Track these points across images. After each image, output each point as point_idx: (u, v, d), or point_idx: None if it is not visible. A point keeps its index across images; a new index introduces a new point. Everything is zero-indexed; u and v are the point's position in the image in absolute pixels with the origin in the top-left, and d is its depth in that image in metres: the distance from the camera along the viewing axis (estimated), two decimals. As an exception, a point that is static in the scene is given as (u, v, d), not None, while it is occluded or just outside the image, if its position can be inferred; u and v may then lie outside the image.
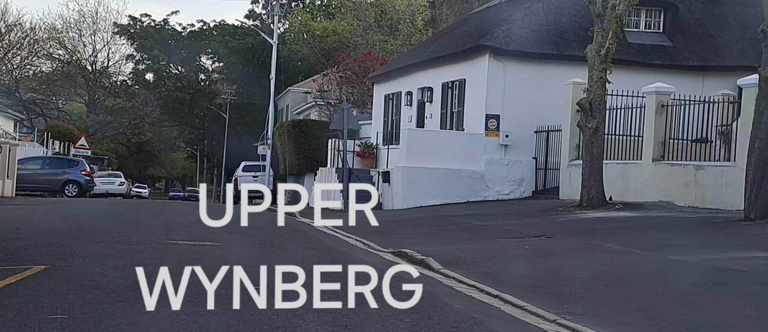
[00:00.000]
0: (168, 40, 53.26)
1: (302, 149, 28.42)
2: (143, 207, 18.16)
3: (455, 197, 19.53)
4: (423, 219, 16.01)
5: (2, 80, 46.66)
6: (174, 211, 16.84)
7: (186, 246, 9.16)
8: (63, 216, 13.49)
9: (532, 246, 10.67)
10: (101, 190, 36.25)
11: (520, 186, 19.74)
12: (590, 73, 15.24)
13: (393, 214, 18.20)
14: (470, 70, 20.49)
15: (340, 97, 29.76)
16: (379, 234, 13.52)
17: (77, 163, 29.27)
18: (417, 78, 23.57)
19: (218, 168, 58.63)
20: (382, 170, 21.01)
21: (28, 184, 27.59)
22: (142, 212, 15.49)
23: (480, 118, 19.95)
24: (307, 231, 14.09)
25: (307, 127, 28.65)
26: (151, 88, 52.19)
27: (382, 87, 26.17)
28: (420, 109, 23.57)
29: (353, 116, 20.38)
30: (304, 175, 29.21)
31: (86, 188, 28.68)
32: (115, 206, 18.21)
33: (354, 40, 52.85)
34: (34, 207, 16.17)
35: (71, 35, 50.91)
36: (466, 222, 14.68)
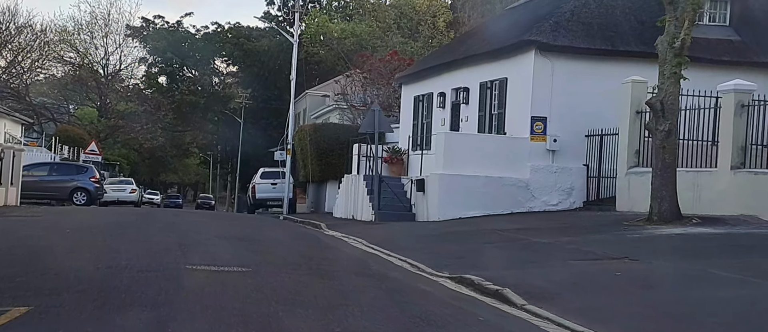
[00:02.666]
0: (181, 43, 51.83)
1: (324, 155, 26.71)
2: (155, 218, 16.47)
3: (497, 208, 17.73)
4: (467, 234, 14.23)
5: (12, 83, 45.31)
6: (189, 223, 15.14)
7: (208, 274, 7.41)
8: (65, 232, 11.79)
9: (623, 273, 8.84)
10: (111, 198, 34.66)
11: (569, 196, 17.90)
12: (661, 69, 13.41)
13: (431, 227, 16.43)
14: (513, 68, 18.71)
15: (364, 100, 28.03)
16: (424, 252, 11.77)
17: (86, 169, 27.70)
18: (450, 78, 21.81)
19: (232, 174, 57.08)
20: (416, 178, 19.24)
21: (34, 192, 26.02)
22: (154, 225, 13.80)
23: (524, 121, 18.14)
24: (341, 248, 12.33)
25: (330, 131, 26.94)
26: (164, 92, 50.70)
27: (411, 88, 24.42)
28: (454, 112, 21.80)
29: (385, 118, 18.65)
30: (326, 183, 27.51)
31: (95, 196, 27.10)
32: (125, 217, 16.54)
33: (373, 42, 51.27)
34: (35, 220, 14.52)
35: (83, 37, 49.57)
36: (520, 239, 12.88)
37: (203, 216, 18.46)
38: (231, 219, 18.71)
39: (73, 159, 35.27)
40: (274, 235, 13.90)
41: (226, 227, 14.97)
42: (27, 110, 46.60)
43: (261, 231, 14.39)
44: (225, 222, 17.07)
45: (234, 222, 17.21)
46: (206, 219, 17.07)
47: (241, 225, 16.21)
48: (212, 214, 21.48)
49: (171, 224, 14.39)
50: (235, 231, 13.93)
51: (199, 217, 17.80)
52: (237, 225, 16.11)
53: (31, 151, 30.90)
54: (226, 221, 17.49)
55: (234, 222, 16.99)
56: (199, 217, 17.80)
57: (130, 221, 14.82)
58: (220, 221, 17.14)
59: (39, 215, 15.54)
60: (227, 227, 15.11)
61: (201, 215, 19.68)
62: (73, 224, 13.30)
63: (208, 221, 16.39)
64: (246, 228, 14.81)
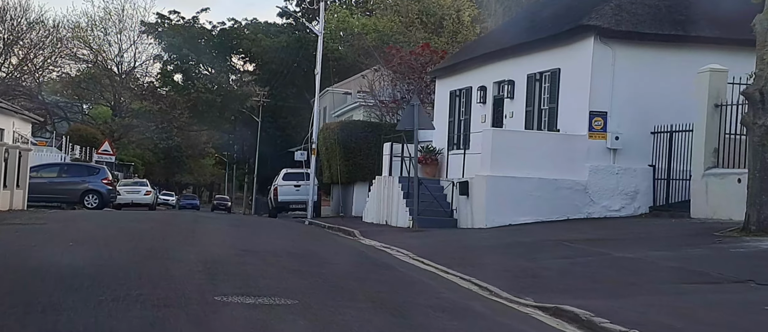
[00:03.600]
0: (197, 39, 50.23)
1: (352, 154, 24.90)
2: (172, 225, 14.72)
3: (551, 214, 15.85)
4: (529, 246, 12.37)
5: (24, 82, 43.96)
6: (211, 232, 13.37)
7: (245, 310, 5.58)
8: (67, 245, 10.05)
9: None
10: (126, 200, 33.08)
11: (633, 200, 15.97)
12: (760, 53, 11.48)
13: (481, 237, 14.57)
14: (568, 57, 16.81)
15: (393, 95, 26.19)
16: (489, 268, 9.92)
17: (98, 170, 26.09)
18: (492, 70, 19.93)
19: (249, 175, 55.47)
20: (459, 180, 17.37)
21: (43, 194, 24.45)
22: (172, 235, 12.05)
23: (581, 117, 16.23)
24: (392, 264, 10.48)
25: (358, 130, 25.13)
26: (180, 90, 49.14)
27: (447, 82, 22.56)
28: (496, 107, 19.93)
29: (425, 114, 16.81)
30: (353, 185, 25.71)
31: (108, 198, 25.49)
32: (138, 224, 14.80)
33: (395, 37, 49.44)
34: (36, 228, 12.82)
35: (96, 34, 48.13)
36: (597, 252, 11.00)
37: (225, 223, 16.71)
38: (255, 226, 16.93)
39: (86, 159, 33.73)
40: (309, 247, 12.12)
41: (252, 237, 13.20)
42: (39, 109, 45.25)
43: (293, 242, 12.60)
44: (249, 229, 15.30)
45: (259, 229, 15.43)
46: (229, 227, 15.31)
47: (267, 234, 14.44)
48: (233, 220, 19.70)
49: (191, 234, 12.63)
50: (263, 242, 12.14)
51: (221, 224, 16.04)
52: (263, 234, 14.33)
53: (41, 151, 29.38)
54: (251, 229, 15.71)
55: (259, 230, 15.21)
56: (221, 224, 16.04)
57: (144, 229, 13.07)
58: (244, 229, 15.37)
59: (42, 222, 13.84)
60: (253, 237, 13.34)
61: (222, 221, 17.93)
62: (78, 234, 11.56)
63: (231, 230, 14.62)
64: (275, 238, 13.02)
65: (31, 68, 43.30)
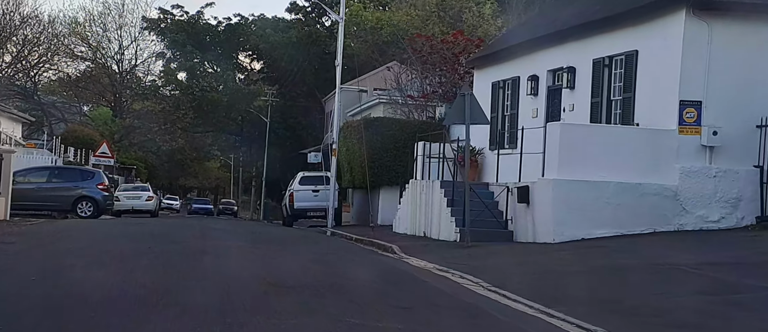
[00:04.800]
0: (202, 36, 47.47)
1: (377, 156, 22.09)
2: (175, 242, 11.92)
3: (634, 225, 13.06)
4: (634, 271, 9.60)
5: (18, 80, 41.28)
6: (224, 255, 10.58)
7: None
8: (28, 279, 7.28)
9: None
10: (125, 206, 30.36)
11: (735, 209, 13.13)
12: None
13: (553, 255, 11.76)
14: (649, 36, 14.00)
15: (423, 89, 23.39)
16: (613, 311, 7.17)
17: (93, 174, 23.32)
18: (546, 56, 17.14)
19: (257, 178, 52.70)
20: (517, 185, 14.56)
21: (30, 202, 21.68)
22: (175, 262, 9.29)
23: (668, 107, 13.43)
24: (478, 305, 7.66)
25: (384, 128, 22.31)
26: (184, 89, 46.38)
27: (487, 73, 19.74)
28: (552, 99, 17.12)
29: (478, 105, 14.02)
30: (378, 189, 22.89)
31: (104, 206, 22.72)
32: (135, 240, 12.00)
33: (411, 32, 46.67)
34: (3, 249, 10.04)
35: (95, 30, 45.41)
36: (743, 285, 8.18)
37: (239, 238, 13.89)
38: (274, 241, 14.12)
39: (82, 162, 30.99)
40: (349, 273, 9.32)
41: (275, 258, 10.40)
42: (35, 110, 42.64)
43: (327, 266, 9.80)
44: (269, 247, 12.49)
45: (281, 247, 12.61)
46: (244, 244, 12.50)
47: (292, 253, 11.66)
48: (247, 231, 16.86)
49: (200, 256, 9.84)
50: (290, 266, 9.36)
51: (235, 240, 13.22)
52: (288, 253, 11.55)
53: (31, 153, 26.64)
54: (270, 245, 12.91)
55: (281, 248, 12.39)
56: (235, 240, 13.22)
57: (141, 250, 10.26)
58: (263, 246, 12.56)
59: (11, 241, 11.05)
60: (277, 258, 10.54)
61: (235, 235, 15.10)
62: (47, 262, 8.77)
63: (248, 249, 11.81)
64: (304, 260, 10.24)
65: (26, 66, 40.62)
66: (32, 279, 7.33)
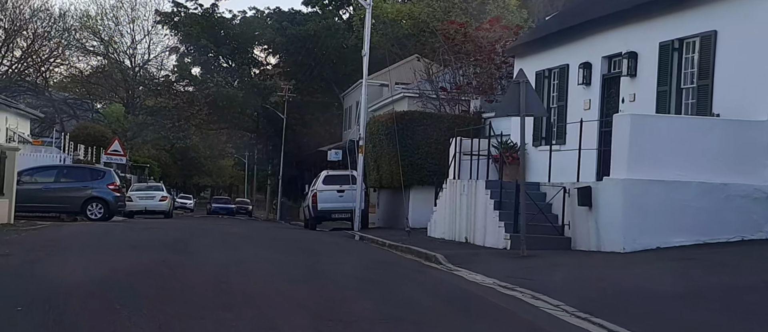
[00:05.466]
0: (217, 29, 45.96)
1: (408, 153, 20.43)
2: (192, 254, 10.34)
3: (718, 232, 11.35)
4: (743, 291, 7.88)
5: (28, 76, 39.97)
6: (254, 271, 8.98)
7: None
8: (16, 309, 5.72)
9: None
10: (138, 207, 28.97)
11: (838, 213, 11.37)
12: None
13: (634, 269, 10.06)
14: (729, 15, 12.26)
15: (456, 81, 21.69)
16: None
17: (103, 173, 21.83)
18: (601, 41, 15.42)
19: (273, 176, 51.20)
20: (577, 186, 12.86)
21: (37, 204, 20.27)
22: (196, 271, 7.67)
23: (755, 96, 11.69)
24: (548, 329, 5.98)
25: (415, 123, 20.63)
26: (198, 85, 44.89)
27: (530, 61, 18.00)
28: (607, 89, 15.42)
29: (535, 94, 12.34)
30: (408, 190, 21.24)
31: (115, 207, 21.24)
32: (147, 250, 10.41)
33: (433, 24, 45.00)
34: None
35: (107, 23, 44.02)
36: None
37: (267, 248, 12.29)
38: (304, 249, 12.51)
39: (93, 160, 29.57)
40: (404, 293, 7.70)
41: (318, 277, 8.80)
42: (46, 106, 41.33)
43: (382, 288, 8.18)
44: (301, 257, 10.86)
45: (318, 259, 10.98)
46: (274, 254, 10.88)
47: (333, 267, 10.03)
48: (275, 240, 15.22)
49: (223, 275, 8.22)
50: (339, 287, 7.74)
51: (263, 250, 11.60)
52: (327, 267, 9.93)
53: (38, 151, 25.24)
54: (301, 254, 11.29)
55: (319, 261, 10.79)
56: (263, 250, 11.60)
57: (154, 264, 8.67)
58: (294, 256, 10.94)
59: (5, 252, 9.50)
60: (320, 276, 8.94)
61: (260, 243, 13.49)
62: (46, 281, 7.18)
63: (281, 260, 10.18)
64: (353, 280, 8.61)
65: (36, 61, 39.31)
66: (18, 310, 5.74)
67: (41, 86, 41.12)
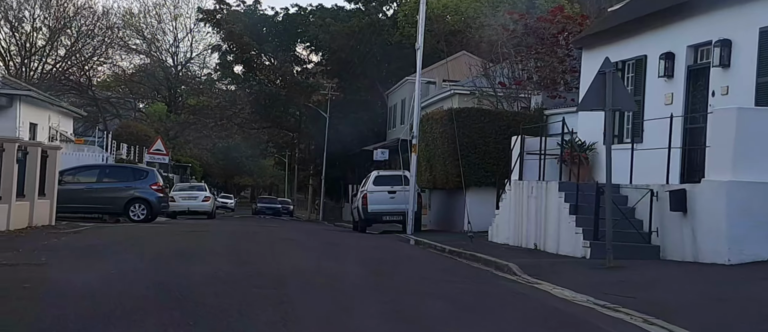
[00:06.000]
0: (259, 27, 45.27)
1: (464, 152, 19.17)
2: (247, 257, 9.28)
3: (840, 242, 9.83)
4: None
5: (71, 74, 39.82)
6: (315, 280, 7.90)
7: None
8: None
9: None
10: (181, 207, 28.31)
11: None
12: None
13: (753, 285, 8.66)
14: None
15: (515, 75, 20.35)
16: None
17: (146, 173, 21.08)
18: (685, 29, 13.95)
19: (315, 176, 50.34)
20: (669, 189, 11.48)
21: (79, 204, 19.62)
22: (255, 287, 6.65)
23: None
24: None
25: (472, 120, 19.37)
26: (240, 83, 44.25)
27: (601, 53, 16.47)
28: (693, 81, 13.93)
29: (623, 86, 11.02)
30: (464, 191, 19.97)
31: (158, 208, 20.47)
32: (194, 259, 9.42)
33: (480, 19, 43.59)
34: (26, 274, 7.54)
35: (150, 21, 43.69)
36: None
37: (326, 257, 11.18)
38: (375, 263, 11.40)
39: (135, 160, 29.00)
40: (504, 317, 6.48)
41: (401, 298, 7.65)
42: (90, 105, 41.17)
43: (481, 315, 6.97)
44: (378, 270, 9.74)
45: (391, 271, 9.84)
46: (340, 265, 9.76)
47: (403, 283, 8.90)
48: (328, 245, 14.12)
49: (279, 286, 7.14)
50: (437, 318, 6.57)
51: (322, 259, 10.51)
52: (396, 283, 8.80)
53: (81, 150, 24.70)
54: (382, 268, 10.16)
55: (390, 276, 9.66)
56: (322, 259, 10.51)
57: (205, 278, 7.65)
58: (365, 270, 9.79)
59: (40, 261, 8.56)
60: (400, 296, 7.79)
61: (317, 251, 12.41)
62: (79, 303, 6.16)
63: (346, 270, 9.05)
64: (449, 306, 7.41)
65: (80, 59, 39.12)
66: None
67: (85, 85, 40.97)
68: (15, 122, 20.71)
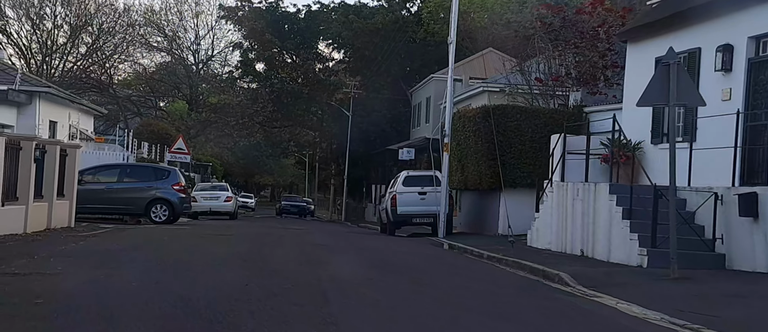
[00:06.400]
0: (281, 24, 44.59)
1: (501, 151, 18.25)
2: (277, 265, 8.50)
3: None
4: None
5: (92, 72, 39.42)
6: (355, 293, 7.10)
7: None
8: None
9: None
10: (203, 207, 27.70)
11: None
12: None
13: None
14: None
15: (552, 71, 19.40)
16: None
17: (168, 172, 20.40)
18: (745, 18, 12.93)
19: (338, 176, 49.58)
20: (739, 192, 10.51)
21: (99, 205, 18.99)
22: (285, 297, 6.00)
23: None
24: None
25: (508, 118, 18.44)
26: (262, 81, 43.59)
27: (648, 47, 15.58)
28: (755, 75, 12.88)
29: (689, 79, 10.08)
30: (497, 192, 19.07)
31: (180, 210, 19.78)
32: (220, 267, 8.65)
33: (507, 16, 42.55)
34: (37, 286, 6.78)
35: (171, 19, 43.17)
36: None
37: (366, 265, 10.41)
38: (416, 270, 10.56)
39: (156, 159, 28.41)
40: None
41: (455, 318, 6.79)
42: (111, 103, 40.77)
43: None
44: (411, 277, 8.93)
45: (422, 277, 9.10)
46: (377, 274, 8.92)
47: (447, 294, 8.05)
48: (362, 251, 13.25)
49: (323, 304, 6.32)
50: None
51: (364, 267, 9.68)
52: (440, 294, 7.96)
53: (102, 149, 24.12)
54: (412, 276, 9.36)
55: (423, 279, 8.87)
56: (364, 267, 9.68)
57: (234, 291, 6.85)
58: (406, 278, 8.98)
59: (56, 269, 7.83)
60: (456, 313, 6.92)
61: (351, 257, 11.59)
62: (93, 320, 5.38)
63: (385, 281, 8.21)
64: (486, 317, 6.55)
65: (101, 57, 38.70)
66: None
67: (105, 83, 40.57)
68: (34, 120, 20.14)
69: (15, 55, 37.00)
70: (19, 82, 19.58)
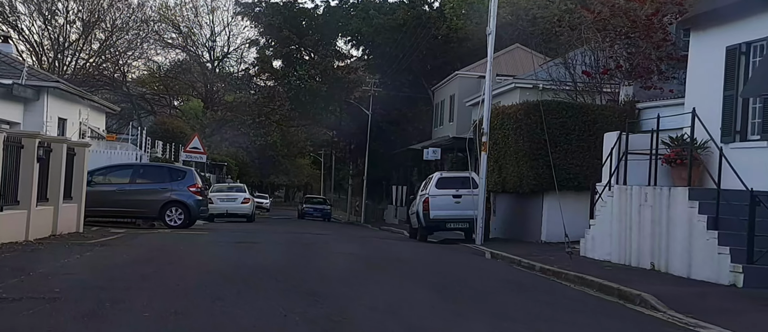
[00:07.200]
0: (299, 20, 43.21)
1: (542, 152, 16.74)
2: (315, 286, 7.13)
3: None
4: None
5: (106, 69, 38.24)
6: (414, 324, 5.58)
7: None
8: None
9: None
10: (219, 209, 26.37)
11: None
12: None
13: None
14: None
15: (600, 64, 17.84)
16: None
17: (184, 173, 19.02)
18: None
19: (357, 177, 48.14)
20: None
21: (110, 207, 17.67)
22: None
23: None
24: None
25: (552, 115, 16.91)
26: (279, 78, 42.24)
27: (716, 35, 13.98)
28: None
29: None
30: (541, 196, 17.54)
31: (196, 213, 18.41)
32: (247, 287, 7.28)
33: (533, 11, 40.98)
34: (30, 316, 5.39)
35: (186, 15, 41.92)
36: None
37: (417, 282, 9.05)
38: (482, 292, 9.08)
39: (171, 158, 27.10)
40: None
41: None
42: (124, 101, 39.60)
43: None
44: (472, 301, 7.48)
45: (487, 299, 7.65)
46: (435, 296, 7.34)
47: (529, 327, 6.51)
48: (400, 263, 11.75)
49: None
50: None
51: (416, 285, 8.27)
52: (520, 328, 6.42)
53: (114, 148, 22.81)
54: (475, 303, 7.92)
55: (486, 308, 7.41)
56: (416, 285, 8.27)
57: (271, 324, 5.36)
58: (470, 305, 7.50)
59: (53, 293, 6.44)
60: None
61: (406, 276, 10.19)
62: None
63: (447, 307, 6.74)
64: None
65: (114, 54, 37.51)
66: None
67: (119, 80, 39.39)
68: (42, 117, 18.84)
69: (26, 51, 35.92)
70: (26, 77, 18.27)
